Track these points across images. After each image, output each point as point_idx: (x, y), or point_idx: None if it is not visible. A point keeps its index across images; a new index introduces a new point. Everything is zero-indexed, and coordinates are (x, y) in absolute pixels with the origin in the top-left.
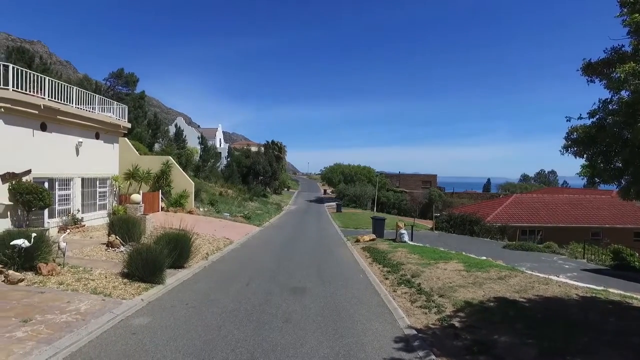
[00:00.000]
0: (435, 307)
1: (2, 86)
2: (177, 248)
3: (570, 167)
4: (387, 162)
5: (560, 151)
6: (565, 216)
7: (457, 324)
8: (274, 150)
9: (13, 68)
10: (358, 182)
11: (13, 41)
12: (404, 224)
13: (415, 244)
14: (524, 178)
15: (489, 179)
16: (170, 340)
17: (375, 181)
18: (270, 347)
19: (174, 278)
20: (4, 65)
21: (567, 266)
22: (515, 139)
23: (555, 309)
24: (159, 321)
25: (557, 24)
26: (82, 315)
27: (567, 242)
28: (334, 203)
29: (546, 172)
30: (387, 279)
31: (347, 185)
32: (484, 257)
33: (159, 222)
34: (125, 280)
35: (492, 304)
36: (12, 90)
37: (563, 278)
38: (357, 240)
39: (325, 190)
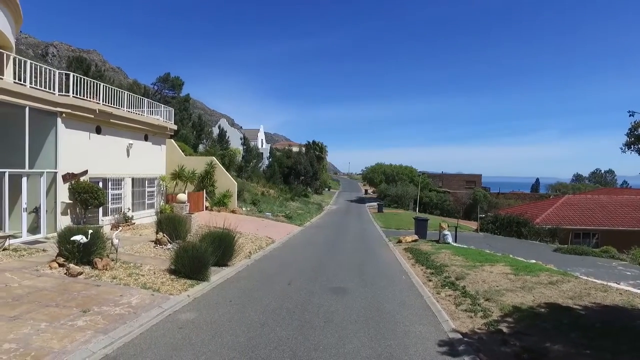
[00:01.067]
0: (481, 311)
1: (63, 93)
2: (221, 246)
3: (631, 166)
4: (430, 161)
5: (622, 149)
6: (625, 219)
7: (505, 330)
8: (315, 151)
9: (73, 76)
10: (400, 182)
11: (73, 51)
12: (447, 225)
13: (459, 245)
14: (577, 178)
15: (537, 179)
16: (216, 336)
17: (418, 181)
18: (312, 346)
19: (218, 275)
20: (65, 73)
21: (629, 273)
22: (567, 137)
23: (616, 319)
24: (204, 317)
25: (618, 10)
26: (133, 309)
27: (628, 247)
28: (375, 203)
29: (602, 171)
30: (430, 280)
31: (388, 186)
32: (533, 261)
33: (203, 220)
34: (172, 276)
35: (542, 309)
36: (72, 96)
37: (624, 285)
38: (399, 241)
39: (366, 190)
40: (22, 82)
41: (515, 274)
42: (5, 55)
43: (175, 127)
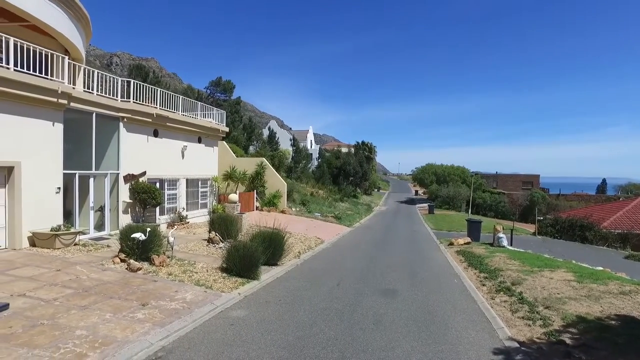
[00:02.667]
0: (541, 319)
1: (125, 99)
2: (271, 246)
3: None
4: (483, 161)
5: None
6: None
7: (568, 341)
8: (364, 151)
9: (133, 83)
10: (451, 183)
11: (133, 60)
12: (503, 228)
13: (515, 249)
14: None
15: (604, 179)
16: (265, 333)
17: (470, 182)
18: (361, 348)
19: (268, 274)
20: (126, 81)
21: None
22: None
23: None
24: (254, 315)
25: None
26: (187, 304)
27: None
28: (426, 204)
29: None
30: (484, 285)
31: (439, 186)
32: (600, 268)
33: (254, 220)
34: (224, 274)
35: (613, 322)
36: (132, 102)
37: None
38: (451, 244)
39: (416, 191)
40: (90, 90)
41: (579, 281)
42: (77, 66)
43: (227, 129)
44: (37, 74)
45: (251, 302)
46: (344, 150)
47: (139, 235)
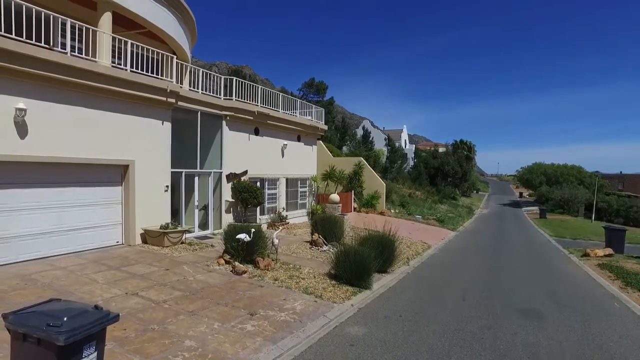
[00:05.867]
0: None
1: (228, 97)
2: (384, 252)
3: None
4: (599, 160)
5: None
6: None
7: None
8: (463, 150)
9: (236, 81)
10: (565, 184)
11: (230, 68)
12: None
13: None
14: None
15: None
16: None
17: (590, 183)
18: None
19: (378, 284)
20: (229, 79)
21: None
22: None
23: None
24: (375, 334)
25: None
26: (298, 316)
27: None
28: (535, 208)
29: None
30: None
31: (550, 188)
32: None
33: (353, 222)
34: (332, 282)
35: None
36: (235, 100)
37: None
38: (586, 255)
39: (521, 193)
40: (195, 89)
41: None
42: (184, 66)
43: (325, 127)
44: (149, 74)
45: (367, 317)
46: (441, 150)
47: (244, 236)
